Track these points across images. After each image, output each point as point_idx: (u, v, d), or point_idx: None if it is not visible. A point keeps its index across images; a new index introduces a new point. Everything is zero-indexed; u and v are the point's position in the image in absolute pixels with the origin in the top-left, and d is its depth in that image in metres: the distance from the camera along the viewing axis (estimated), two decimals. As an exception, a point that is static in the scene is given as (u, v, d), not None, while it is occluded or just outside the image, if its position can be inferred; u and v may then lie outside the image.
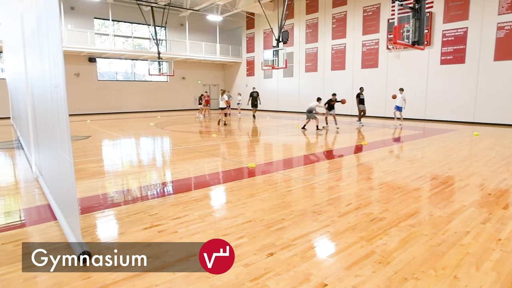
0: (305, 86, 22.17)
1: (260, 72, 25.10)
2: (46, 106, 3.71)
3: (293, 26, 22.28)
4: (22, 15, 5.33)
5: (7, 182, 5.79)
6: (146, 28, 23.11)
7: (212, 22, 25.74)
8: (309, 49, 21.59)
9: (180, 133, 12.16)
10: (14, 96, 11.43)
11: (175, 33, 25.05)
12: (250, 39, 25.91)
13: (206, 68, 27.49)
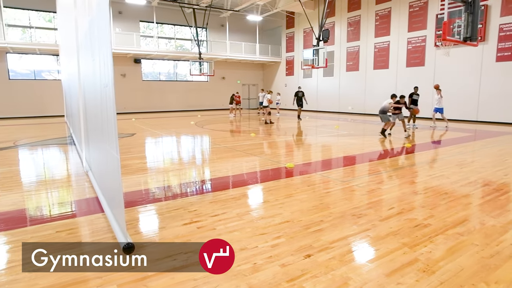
0: (345, 86, 21.65)
1: (299, 72, 24.89)
2: (96, 105, 3.94)
3: (334, 25, 21.83)
4: (76, 21, 5.72)
5: (61, 175, 6.24)
6: (188, 30, 23.82)
7: (252, 22, 25.94)
8: (351, 48, 21.03)
9: (219, 132, 12.39)
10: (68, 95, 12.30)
11: (216, 34, 25.56)
12: (289, 38, 25.78)
13: (246, 68, 27.76)
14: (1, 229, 3.63)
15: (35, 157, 8.19)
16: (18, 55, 20.32)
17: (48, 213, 4.24)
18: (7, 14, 19.34)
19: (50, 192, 5.14)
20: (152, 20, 22.31)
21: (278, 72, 27.39)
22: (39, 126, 15.03)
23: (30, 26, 20.44)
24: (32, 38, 20.37)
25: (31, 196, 4.88)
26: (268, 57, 26.54)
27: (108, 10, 2.86)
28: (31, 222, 3.89)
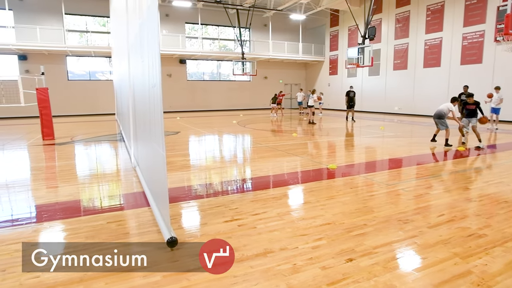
0: (392, 85, 20.75)
1: (343, 71, 24.27)
2: (144, 104, 4.13)
3: (381, 21, 21.00)
4: (128, 24, 6.03)
5: (111, 170, 6.64)
6: (232, 30, 24.19)
7: (295, 21, 25.75)
8: (399, 45, 20.11)
9: (260, 131, 12.45)
10: (119, 95, 13.05)
11: (259, 33, 25.71)
12: (333, 37, 25.23)
13: (288, 68, 27.64)
14: (60, 217, 3.93)
15: (89, 152, 8.78)
16: (76, 57, 21.93)
17: (99, 204, 4.53)
18: (67, 20, 20.96)
19: (102, 185, 5.48)
20: (197, 22, 22.97)
21: (321, 72, 26.94)
22: (93, 124, 16.11)
23: (87, 31, 21.98)
24: (88, 42, 21.92)
25: (85, 188, 5.24)
26: (311, 56, 26.20)
27: (157, 13, 2.98)
28: (85, 212, 4.17)
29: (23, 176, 6.27)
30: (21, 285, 2.51)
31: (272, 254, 2.88)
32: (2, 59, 20.07)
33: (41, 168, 6.97)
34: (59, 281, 2.54)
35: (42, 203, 4.55)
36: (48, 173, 6.36)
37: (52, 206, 4.40)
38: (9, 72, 19.70)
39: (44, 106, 10.55)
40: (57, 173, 6.36)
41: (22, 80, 11.73)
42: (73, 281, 2.54)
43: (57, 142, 9.99)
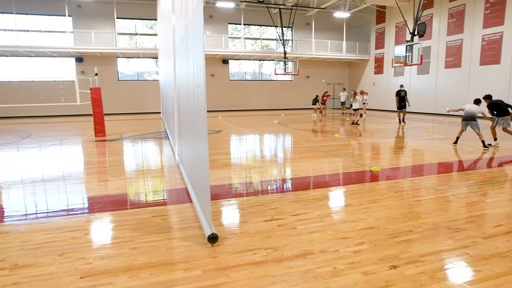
0: (443, 84, 19.54)
1: (389, 70, 23.30)
2: (188, 103, 4.26)
3: (432, 17, 19.86)
4: (174, 26, 6.25)
5: (156, 166, 6.93)
6: (274, 30, 24.20)
7: (338, 20, 25.18)
8: (452, 42, 18.90)
9: (302, 131, 12.33)
10: (164, 94, 13.59)
11: (301, 32, 25.46)
12: (379, 34, 24.30)
13: (331, 67, 27.09)
14: (109, 209, 4.18)
15: (136, 148, 9.24)
16: (125, 59, 23.21)
17: (145, 199, 4.74)
18: (118, 24, 22.24)
19: (147, 180, 5.74)
20: (240, 22, 23.26)
21: (365, 71, 26.09)
22: (140, 122, 16.92)
23: (136, 33, 23.16)
24: (137, 44, 23.09)
25: (132, 183, 5.52)
26: (355, 54, 25.46)
27: (202, 15, 3.05)
28: (131, 205, 4.40)
29: (77, 170, 6.75)
30: (76, 269, 2.70)
31: (312, 256, 2.84)
32: (61, 62, 21.79)
33: (93, 162, 7.46)
34: (109, 269, 2.69)
35: (94, 195, 4.86)
36: (100, 168, 6.78)
37: (102, 198, 4.69)
38: (67, 73, 21.33)
39: (96, 104, 11.27)
40: (107, 167, 6.77)
41: (78, 81, 12.63)
42: (121, 269, 2.68)
43: (108, 139, 10.63)
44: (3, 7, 19.86)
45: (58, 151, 8.82)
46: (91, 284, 2.49)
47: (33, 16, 20.69)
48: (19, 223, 3.79)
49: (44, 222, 3.80)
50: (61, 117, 20.38)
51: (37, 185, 5.48)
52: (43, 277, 2.60)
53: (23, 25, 20.36)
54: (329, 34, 25.66)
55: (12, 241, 3.27)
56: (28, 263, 2.83)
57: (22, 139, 11.28)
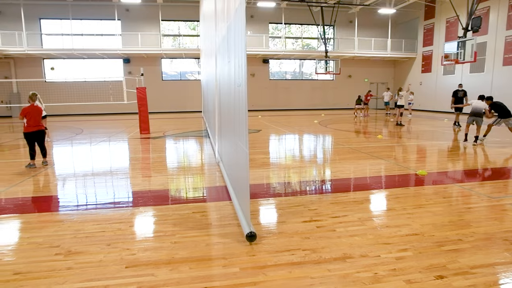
0: (501, 83, 18.08)
1: (438, 68, 22.03)
2: (229, 103, 4.32)
3: (489, 10, 18.47)
4: (216, 27, 6.38)
5: (197, 164, 7.11)
6: (315, 28, 23.85)
7: (383, 16, 24.26)
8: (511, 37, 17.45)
9: (343, 132, 12.04)
10: (206, 94, 13.92)
11: (343, 30, 24.86)
12: (428, 30, 23.06)
13: (374, 65, 26.18)
14: (152, 204, 4.36)
15: (178, 146, 9.55)
16: (169, 59, 24.08)
17: (185, 195, 4.89)
18: (163, 26, 23.14)
19: (188, 177, 5.91)
20: (281, 21, 23.20)
21: (412, 69, 24.88)
22: (182, 120, 17.48)
23: (179, 35, 23.96)
24: (180, 45, 23.88)
25: (173, 179, 5.72)
26: (401, 52, 24.37)
27: (244, 15, 3.07)
28: (173, 201, 4.55)
29: (123, 165, 7.12)
30: (122, 259, 2.85)
31: (351, 260, 2.76)
32: (111, 63, 23.12)
33: (138, 158, 7.83)
34: (151, 260, 2.81)
35: (138, 190, 5.10)
36: (144, 164, 7.10)
37: (146, 193, 4.91)
38: (116, 74, 22.59)
39: (142, 103, 11.81)
40: (151, 164, 7.07)
41: (126, 81, 13.32)
42: (162, 262, 2.78)
43: (152, 136, 11.09)
44: (62, 14, 21.50)
45: (106, 147, 9.37)
46: (135, 274, 2.61)
47: (87, 21, 22.17)
48: (72, 213, 4.07)
49: (94, 213, 4.06)
50: (109, 115, 21.61)
51: (87, 179, 5.86)
52: (92, 264, 2.77)
53: (78, 30, 21.87)
54: (372, 32, 24.81)
55: (66, 229, 3.52)
56: (80, 250, 3.03)
57: (75, 135, 12.12)
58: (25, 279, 2.57)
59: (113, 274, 2.61)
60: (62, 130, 13.84)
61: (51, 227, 3.61)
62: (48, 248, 3.09)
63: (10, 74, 21.98)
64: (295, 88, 25.49)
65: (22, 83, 21.26)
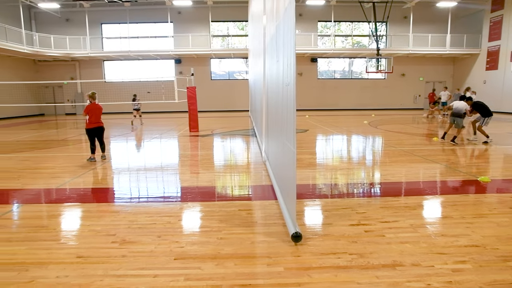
0: None
1: (507, 65, 20.07)
2: (277, 102, 4.31)
3: None
4: (264, 26, 6.40)
5: (243, 162, 7.20)
6: (366, 26, 22.99)
7: (442, 10, 22.69)
8: None
9: (395, 133, 11.48)
10: (253, 93, 14.04)
11: (397, 27, 23.67)
12: (495, 24, 21.11)
13: (431, 63, 24.58)
14: (199, 199, 4.50)
15: (225, 144, 9.75)
16: (218, 59, 24.68)
17: (232, 193, 4.97)
18: (212, 27, 23.77)
19: (234, 175, 6.01)
20: (330, 19, 22.69)
21: (474, 66, 22.96)
22: (229, 119, 17.82)
23: (228, 35, 24.45)
24: (229, 45, 24.37)
25: (220, 177, 5.84)
26: (462, 48, 22.60)
27: (293, 14, 3.05)
28: (219, 198, 4.65)
29: (173, 161, 7.44)
30: (171, 251, 2.97)
31: (402, 268, 2.62)
32: (163, 63, 24.27)
33: (187, 155, 8.12)
34: (198, 254, 2.90)
35: (187, 186, 5.29)
36: (192, 161, 7.35)
37: (194, 189, 5.07)
38: (168, 74, 23.66)
39: (192, 102, 12.23)
40: (199, 161, 7.30)
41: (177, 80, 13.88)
42: (208, 256, 2.86)
43: (201, 134, 11.45)
44: (120, 18, 23.03)
45: (158, 143, 9.85)
46: (183, 266, 2.71)
47: (142, 24, 23.50)
48: (126, 205, 4.34)
49: (146, 206, 4.28)
50: (161, 114, 22.69)
51: (140, 173, 6.20)
52: (144, 254, 2.93)
53: (134, 33, 23.26)
54: (429, 27, 23.32)
55: (122, 220, 3.76)
56: (133, 240, 3.21)
57: (130, 132, 12.90)
58: (86, 263, 2.79)
59: (162, 265, 2.74)
60: (118, 127, 14.80)
61: (108, 217, 3.87)
62: (106, 236, 3.32)
63: (76, 75, 23.99)
64: (344, 88, 24.80)
65: (85, 83, 23.11)
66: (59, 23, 23.13)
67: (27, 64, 22.93)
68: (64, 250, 3.06)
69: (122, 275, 2.59)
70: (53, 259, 2.86)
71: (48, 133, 12.89)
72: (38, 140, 10.81)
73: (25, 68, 22.68)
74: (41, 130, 13.98)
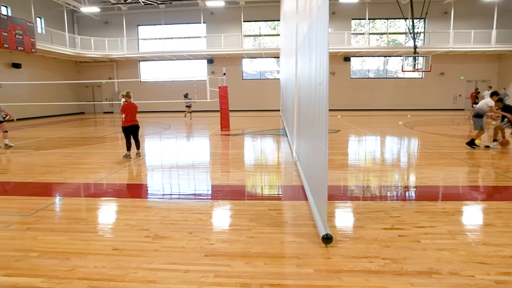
0: None
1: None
2: (309, 101, 4.26)
3: None
4: (297, 26, 6.35)
5: (273, 162, 7.19)
6: (403, 23, 22.14)
7: (487, 4, 21.39)
8: None
9: (432, 135, 10.99)
10: (284, 92, 13.98)
11: (436, 23, 22.61)
12: (545, 19, 19.58)
13: (473, 61, 23.25)
14: (230, 198, 4.54)
15: (255, 144, 9.78)
16: (249, 59, 24.80)
17: (261, 192, 4.97)
18: (244, 27, 23.92)
19: (265, 175, 6.01)
20: (364, 17, 22.09)
21: (522, 64, 21.42)
22: (260, 118, 17.85)
23: (260, 35, 24.49)
24: (260, 45, 24.42)
25: (250, 176, 5.87)
26: (510, 45, 21.15)
27: (327, 13, 3.00)
28: (249, 197, 4.68)
29: (204, 160, 7.56)
30: (202, 248, 3.03)
31: (438, 276, 2.50)
32: (195, 63, 24.76)
33: (218, 154, 8.23)
34: (228, 252, 2.93)
35: (217, 184, 5.36)
36: (223, 159, 7.44)
37: (224, 187, 5.13)
38: (200, 73, 24.11)
39: (223, 102, 12.38)
40: (229, 160, 7.37)
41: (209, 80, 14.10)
42: (238, 254, 2.88)
43: (232, 133, 11.56)
44: (155, 20, 23.79)
45: (190, 142, 10.06)
46: (213, 262, 2.75)
47: (176, 25, 24.12)
48: (159, 201, 4.47)
49: (178, 202, 4.39)
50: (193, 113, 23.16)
51: (172, 170, 6.36)
52: (176, 249, 3.00)
53: (168, 34, 23.93)
54: (472, 23, 22.06)
55: (155, 215, 3.87)
56: (166, 235, 3.30)
57: (164, 130, 13.28)
58: (121, 255, 2.90)
59: (193, 261, 2.79)
60: (152, 125, 15.28)
61: (142, 212, 4.01)
62: (139, 230, 3.44)
63: (113, 75, 25.07)
64: (378, 87, 24.07)
65: (121, 82, 24.09)
66: (98, 26, 24.29)
67: (69, 65, 24.30)
68: (101, 242, 3.20)
69: (155, 268, 2.67)
70: (91, 250, 3.01)
71: (88, 131, 13.56)
72: (78, 137, 11.41)
73: (67, 69, 24.05)
74: (81, 128, 14.74)
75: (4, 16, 15.88)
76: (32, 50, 17.23)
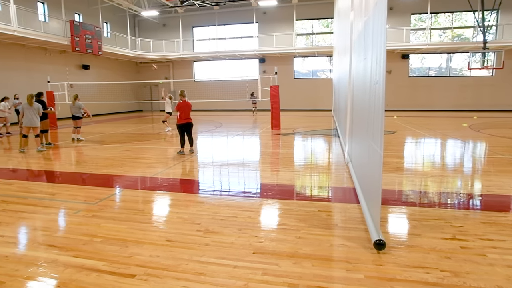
0: None
1: None
2: (363, 101, 4.10)
3: None
4: (351, 23, 6.14)
5: (324, 163, 7.04)
6: (471, 16, 20.37)
7: None
8: None
9: (502, 139, 9.97)
10: (337, 92, 13.62)
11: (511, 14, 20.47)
12: None
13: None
14: (279, 197, 4.53)
15: (306, 143, 9.66)
16: (301, 58, 24.54)
17: (311, 192, 4.90)
18: (297, 25, 23.72)
19: (315, 175, 5.91)
20: (426, 11, 20.70)
21: None
22: (311, 118, 17.60)
23: (312, 33, 24.11)
24: (313, 43, 24.04)
25: (300, 176, 5.81)
26: None
27: (385, 9, 2.86)
28: (298, 197, 4.63)
29: (254, 158, 7.64)
30: (250, 245, 3.06)
31: (508, 295, 2.26)
32: (248, 63, 25.11)
33: (268, 153, 8.27)
34: (276, 251, 2.93)
35: (267, 183, 5.38)
36: (273, 158, 7.46)
37: (273, 186, 5.14)
38: (252, 73, 24.40)
39: (274, 101, 12.41)
40: (279, 159, 7.37)
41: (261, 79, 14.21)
42: (286, 254, 2.86)
43: (282, 133, 11.54)
44: (209, 21, 24.58)
45: (241, 140, 10.23)
46: (261, 260, 2.77)
47: (229, 26, 24.68)
48: (210, 197, 4.60)
49: (228, 199, 4.48)
50: (245, 111, 23.50)
51: (223, 168, 6.52)
52: (225, 244, 3.07)
53: (222, 34, 24.57)
54: (554, 15, 19.63)
55: (206, 210, 4.00)
56: (216, 230, 3.40)
57: (216, 128, 13.67)
58: (174, 246, 3.05)
59: (242, 257, 2.83)
60: (205, 123, 15.80)
61: (194, 207, 4.16)
62: (191, 224, 3.58)
63: (169, 75, 26.38)
64: (439, 86, 22.43)
65: (177, 82, 25.24)
66: (157, 29, 25.75)
67: (130, 66, 26.09)
68: (156, 232, 3.38)
69: (205, 262, 2.76)
70: (147, 240, 3.19)
71: (146, 128, 14.42)
72: (137, 134, 12.18)
73: (128, 70, 25.85)
74: (139, 125, 15.72)
75: (76, 22, 17.49)
76: (99, 52, 18.78)
